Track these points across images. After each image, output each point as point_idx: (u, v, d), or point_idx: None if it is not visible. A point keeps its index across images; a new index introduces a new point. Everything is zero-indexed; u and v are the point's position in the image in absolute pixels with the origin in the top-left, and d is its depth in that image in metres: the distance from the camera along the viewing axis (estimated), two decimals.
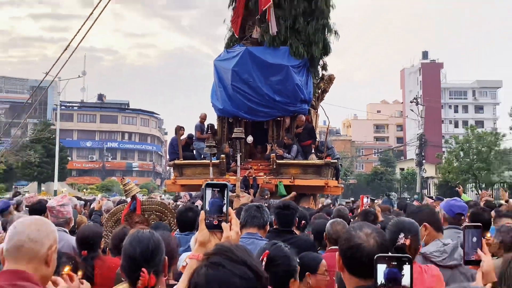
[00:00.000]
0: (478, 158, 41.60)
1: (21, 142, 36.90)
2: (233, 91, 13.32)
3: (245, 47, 13.42)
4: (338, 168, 14.28)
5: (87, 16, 13.63)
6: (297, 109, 13.46)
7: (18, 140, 36.03)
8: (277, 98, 13.19)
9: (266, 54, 13.26)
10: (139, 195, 6.05)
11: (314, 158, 13.18)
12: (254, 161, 13.72)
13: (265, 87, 13.15)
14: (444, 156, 47.95)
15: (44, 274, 2.08)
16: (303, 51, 13.33)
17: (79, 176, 69.41)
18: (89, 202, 13.09)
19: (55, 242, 2.11)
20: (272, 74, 13.16)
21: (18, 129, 36.74)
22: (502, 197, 10.01)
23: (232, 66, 13.25)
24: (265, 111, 13.47)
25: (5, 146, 33.66)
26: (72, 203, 6.18)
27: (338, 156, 15.07)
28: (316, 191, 14.06)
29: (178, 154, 13.74)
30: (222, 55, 14.23)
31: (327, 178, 12.96)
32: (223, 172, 12.89)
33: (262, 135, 14.09)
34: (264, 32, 13.43)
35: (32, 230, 2.05)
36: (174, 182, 14.00)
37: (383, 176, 64.10)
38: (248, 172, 12.29)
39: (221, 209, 1.82)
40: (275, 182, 12.36)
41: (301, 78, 13.40)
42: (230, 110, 13.65)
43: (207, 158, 12.85)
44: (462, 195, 11.78)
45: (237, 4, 13.94)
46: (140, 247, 2.27)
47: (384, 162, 72.22)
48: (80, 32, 13.94)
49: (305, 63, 13.56)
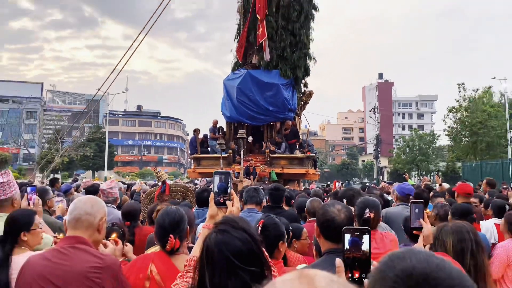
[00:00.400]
0: (419, 152, 41.73)
1: (79, 141, 36.85)
2: (238, 103, 13.32)
3: (247, 70, 13.42)
4: (315, 160, 14.31)
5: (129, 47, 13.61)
6: (285, 116, 13.47)
7: (77, 139, 35.99)
8: (271, 108, 13.19)
9: (262, 75, 13.26)
10: (167, 180, 6.03)
11: (298, 153, 13.19)
12: (253, 155, 13.73)
13: (261, 100, 13.16)
14: (395, 151, 48.02)
15: (97, 239, 2.07)
16: (289, 73, 13.34)
17: (123, 166, 69.22)
18: (130, 186, 13.07)
19: (105, 215, 2.11)
20: (266, 90, 13.16)
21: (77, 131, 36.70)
22: (437, 181, 10.03)
23: (237, 84, 13.25)
24: (262, 118, 13.48)
25: (67, 144, 33.61)
26: (118, 186, 6.17)
27: (316, 151, 15.07)
28: (299, 178, 14.08)
29: (196, 149, 13.73)
30: (229, 76, 14.22)
31: (308, 167, 12.97)
32: (230, 163, 12.90)
33: (259, 135, 14.09)
34: (260, 58, 13.44)
35: (88, 206, 2.05)
36: (193, 170, 14.01)
37: (349, 166, 64.22)
38: (249, 163, 12.30)
39: (226, 191, 1.86)
40: (269, 170, 12.37)
41: (288, 93, 13.40)
42: (236, 117, 13.64)
43: (218, 153, 12.86)
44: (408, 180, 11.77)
45: (240, 38, 13.94)
46: (168, 219, 2.27)
47: (350, 155, 72.25)
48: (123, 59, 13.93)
49: (291, 82, 13.57)
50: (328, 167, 68.44)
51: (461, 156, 32.24)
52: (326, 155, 74.36)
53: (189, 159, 54.03)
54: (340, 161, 70.51)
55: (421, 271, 0.74)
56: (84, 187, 8.10)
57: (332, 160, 79.90)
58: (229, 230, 1.44)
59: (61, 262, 1.88)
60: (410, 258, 0.78)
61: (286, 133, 13.59)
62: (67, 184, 9.40)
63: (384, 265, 0.80)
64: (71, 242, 1.95)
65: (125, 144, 75.05)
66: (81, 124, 30.01)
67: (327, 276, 0.60)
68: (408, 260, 0.77)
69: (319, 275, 0.60)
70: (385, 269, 0.78)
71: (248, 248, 1.41)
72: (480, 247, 2.26)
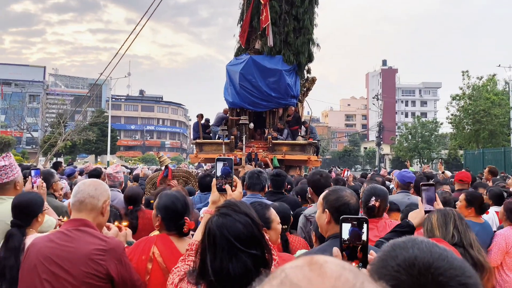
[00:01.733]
0: (422, 140, 41.56)
1: (82, 125, 36.84)
2: (240, 88, 13.23)
3: (249, 55, 13.29)
4: (318, 147, 14.26)
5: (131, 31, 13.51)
6: (287, 103, 13.39)
7: (80, 123, 35.98)
8: (273, 94, 13.10)
9: (265, 61, 13.14)
10: (170, 165, 6.04)
11: (300, 139, 13.17)
12: (255, 141, 13.71)
13: (264, 86, 13.06)
14: (397, 138, 47.86)
15: (100, 222, 2.09)
16: (293, 59, 13.21)
17: (125, 151, 69.38)
18: (133, 170, 13.15)
19: (108, 198, 2.13)
20: (269, 76, 13.05)
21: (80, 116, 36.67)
22: (439, 169, 10.03)
23: (239, 70, 13.14)
24: (264, 104, 13.40)
25: (70, 128, 33.63)
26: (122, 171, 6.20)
27: (318, 138, 15.01)
28: (301, 164, 14.06)
29: (199, 134, 13.72)
30: (232, 61, 14.09)
31: (310, 154, 12.95)
32: (232, 149, 12.89)
33: (261, 122, 14.04)
34: (263, 44, 13.30)
35: (91, 189, 2.06)
36: (196, 156, 13.99)
37: (351, 153, 64.03)
38: (251, 149, 12.29)
39: (228, 176, 1.87)
40: (271, 156, 12.36)
41: (291, 79, 13.29)
42: (238, 103, 13.57)
43: (221, 138, 12.85)
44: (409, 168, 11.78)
45: (243, 23, 13.78)
46: (179, 203, 2.30)
47: (352, 142, 72.10)
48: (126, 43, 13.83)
49: (294, 68, 13.44)
50: (330, 154, 68.35)
51: (463, 144, 32.13)
52: (328, 142, 74.22)
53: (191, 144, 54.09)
54: (342, 148, 70.37)
55: (423, 261, 0.75)
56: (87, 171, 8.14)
57: (334, 147, 79.79)
58: (230, 214, 1.45)
59: (66, 244, 1.90)
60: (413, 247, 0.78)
61: (288, 120, 13.54)
62: (71, 167, 9.45)
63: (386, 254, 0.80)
64: (75, 225, 1.98)
65: (127, 129, 75.06)
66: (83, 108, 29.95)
67: (338, 263, 0.59)
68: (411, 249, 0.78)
69: (329, 262, 0.59)
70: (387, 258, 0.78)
71: (249, 231, 1.42)
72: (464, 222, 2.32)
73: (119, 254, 1.94)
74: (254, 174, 3.76)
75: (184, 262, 1.67)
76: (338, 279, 0.56)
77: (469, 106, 30.37)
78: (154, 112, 77.74)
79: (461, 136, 32.01)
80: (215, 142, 13.44)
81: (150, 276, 2.11)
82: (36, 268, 1.88)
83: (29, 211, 2.40)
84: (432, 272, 0.73)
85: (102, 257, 1.87)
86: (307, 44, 13.58)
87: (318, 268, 0.58)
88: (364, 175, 11.73)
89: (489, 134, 29.41)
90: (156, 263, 2.13)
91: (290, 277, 0.57)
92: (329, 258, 0.61)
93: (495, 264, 3.51)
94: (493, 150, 25.49)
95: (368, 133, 74.71)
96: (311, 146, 13.12)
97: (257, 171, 3.74)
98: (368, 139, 74.49)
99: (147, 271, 2.12)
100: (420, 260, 0.75)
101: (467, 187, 5.23)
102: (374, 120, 62.27)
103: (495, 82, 32.05)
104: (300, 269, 0.58)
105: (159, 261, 2.13)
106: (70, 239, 1.92)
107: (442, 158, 39.51)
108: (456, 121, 31.94)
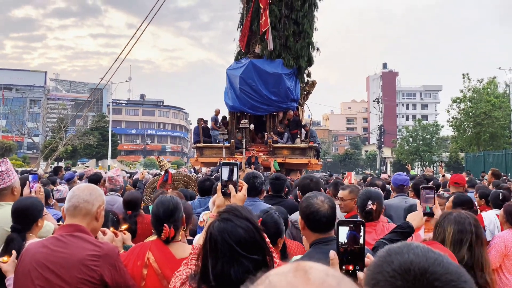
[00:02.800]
0: (423, 143, 41.54)
1: (83, 129, 36.94)
2: (241, 92, 13.27)
3: (249, 59, 13.34)
4: (318, 150, 14.28)
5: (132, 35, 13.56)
6: (288, 106, 13.41)
7: (81, 128, 36.07)
8: (273, 98, 13.13)
9: (265, 65, 13.18)
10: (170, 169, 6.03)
11: (299, 142, 13.17)
12: (256, 145, 13.73)
13: (264, 89, 13.10)
14: (398, 141, 47.84)
15: (95, 227, 2.08)
16: (292, 63, 13.25)
17: (126, 155, 69.47)
18: (133, 175, 13.15)
19: (103, 203, 2.11)
20: (269, 80, 13.09)
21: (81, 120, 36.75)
22: (440, 172, 10.02)
23: (240, 73, 13.18)
24: (264, 108, 13.43)
25: (71, 132, 33.70)
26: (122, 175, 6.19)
27: (319, 141, 15.03)
28: (301, 167, 14.07)
29: (199, 138, 13.75)
30: (232, 65, 14.14)
31: (310, 157, 12.97)
32: (233, 153, 12.91)
33: (261, 125, 14.07)
34: (263, 48, 13.34)
35: (86, 194, 2.04)
36: (196, 159, 14.04)
37: (352, 156, 63.95)
38: (251, 153, 12.29)
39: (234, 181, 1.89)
40: (271, 160, 12.36)
41: (291, 83, 13.32)
42: (238, 106, 13.60)
43: (220, 143, 12.87)
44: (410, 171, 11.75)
45: (243, 27, 13.84)
46: (162, 208, 2.26)
47: (353, 146, 72.01)
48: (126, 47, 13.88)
49: (294, 72, 13.48)
50: (331, 157, 68.31)
51: (464, 147, 32.12)
52: (329, 145, 74.22)
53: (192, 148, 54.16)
54: (343, 151, 70.32)
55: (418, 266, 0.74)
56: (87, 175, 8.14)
57: (335, 150, 79.77)
58: (232, 219, 1.46)
59: (59, 249, 1.89)
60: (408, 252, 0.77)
61: (288, 123, 13.55)
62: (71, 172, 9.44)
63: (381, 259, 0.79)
64: (69, 230, 1.96)
65: (128, 133, 75.18)
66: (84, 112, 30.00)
67: (322, 269, 0.60)
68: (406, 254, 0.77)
69: (314, 268, 0.59)
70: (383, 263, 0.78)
71: (250, 236, 1.43)
72: (480, 240, 2.26)
73: (113, 259, 1.92)
74: (249, 180, 3.63)
75: (186, 266, 1.67)
76: (321, 285, 0.56)
77: (470, 108, 30.40)
78: (155, 116, 77.88)
79: (462, 139, 32.01)
80: (215, 146, 13.47)
81: (146, 282, 2.10)
82: (30, 274, 1.86)
83: (29, 215, 2.39)
84: (427, 277, 0.72)
85: (96, 262, 1.85)
86: (307, 48, 13.62)
87: (302, 275, 0.58)
88: (365, 178, 11.70)
89: (490, 136, 29.42)
90: (152, 269, 2.11)
91: (274, 283, 0.57)
92: (315, 264, 0.61)
93: (493, 266, 3.49)
94: (494, 152, 25.46)
95: (369, 136, 74.73)
96: (311, 149, 13.13)
97: (252, 176, 3.59)
98: (369, 142, 74.46)
99: (142, 276, 2.10)
100: (416, 265, 0.74)
101: (462, 190, 5.21)
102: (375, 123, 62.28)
103: (496, 85, 32.10)
104: (285, 276, 0.58)
105: (155, 266, 2.11)
106: (64, 245, 1.90)
107: (443, 161, 39.47)
108: (457, 124, 31.95)
